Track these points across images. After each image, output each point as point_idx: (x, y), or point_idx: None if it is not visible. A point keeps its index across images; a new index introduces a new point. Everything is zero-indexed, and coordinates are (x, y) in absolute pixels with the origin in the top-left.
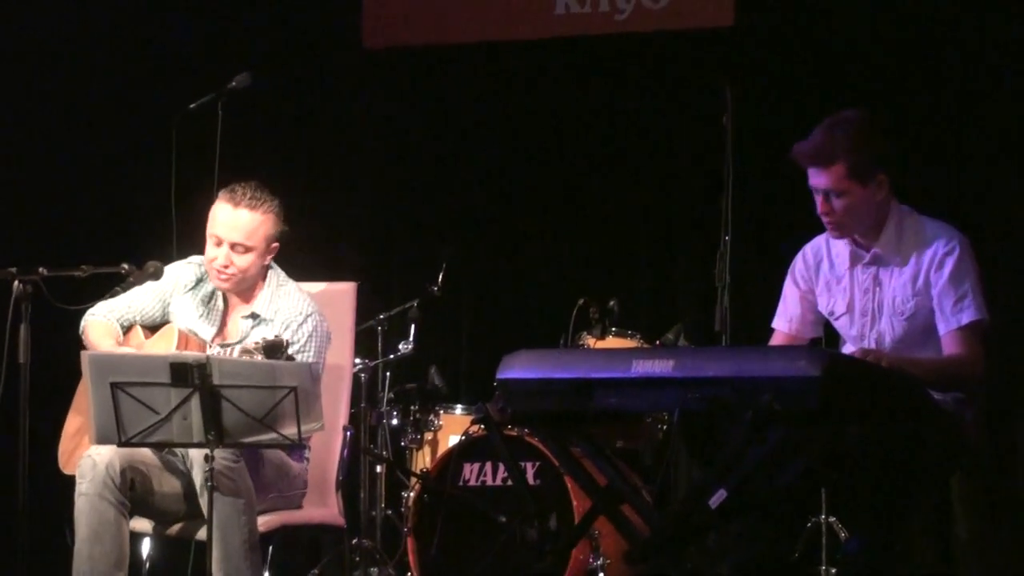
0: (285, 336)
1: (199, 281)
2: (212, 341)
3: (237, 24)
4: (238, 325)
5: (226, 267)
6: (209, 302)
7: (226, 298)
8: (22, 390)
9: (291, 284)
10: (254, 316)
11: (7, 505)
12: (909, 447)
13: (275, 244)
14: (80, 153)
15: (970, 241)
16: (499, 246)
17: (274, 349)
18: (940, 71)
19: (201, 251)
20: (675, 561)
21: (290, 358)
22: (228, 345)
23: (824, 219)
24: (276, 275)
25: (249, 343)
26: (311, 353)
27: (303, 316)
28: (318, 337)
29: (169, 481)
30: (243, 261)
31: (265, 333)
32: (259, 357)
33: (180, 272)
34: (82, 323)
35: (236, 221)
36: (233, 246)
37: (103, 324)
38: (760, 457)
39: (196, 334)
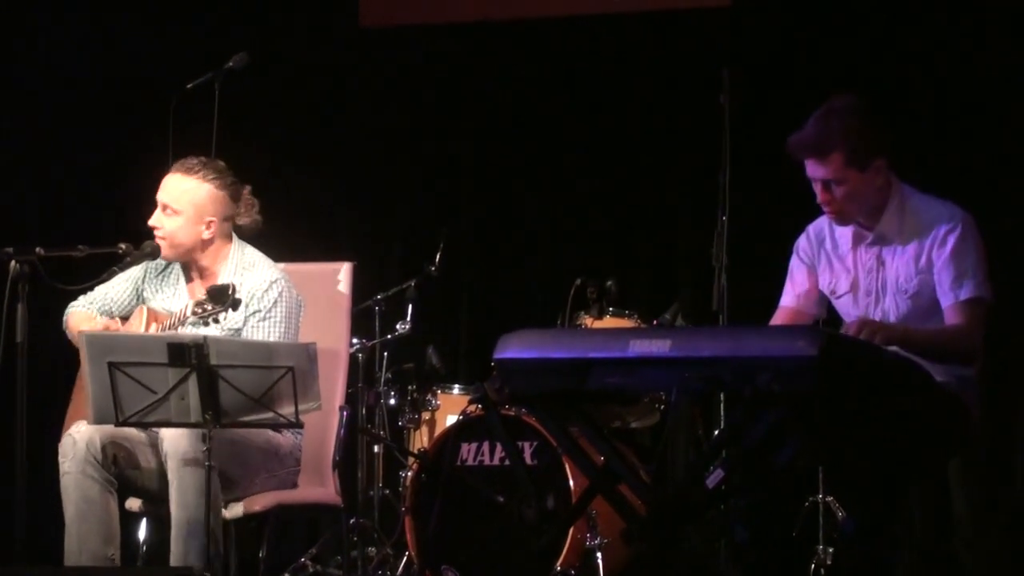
0: (252, 305)
1: (168, 265)
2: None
3: (234, 3)
4: None
5: (155, 229)
6: (176, 283)
7: (191, 276)
8: (19, 370)
9: (256, 255)
10: None
11: (5, 485)
12: (907, 427)
13: (211, 219)
14: (77, 133)
15: (974, 219)
16: (497, 226)
17: (219, 293)
18: (940, 51)
19: None
20: (672, 541)
21: (236, 301)
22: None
23: (825, 208)
24: (241, 248)
25: (200, 296)
26: (278, 318)
27: (268, 283)
28: (284, 303)
29: (157, 457)
30: (169, 224)
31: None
32: (209, 306)
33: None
34: (64, 315)
35: (167, 183)
36: (163, 208)
37: (84, 314)
38: (757, 437)
39: (167, 311)
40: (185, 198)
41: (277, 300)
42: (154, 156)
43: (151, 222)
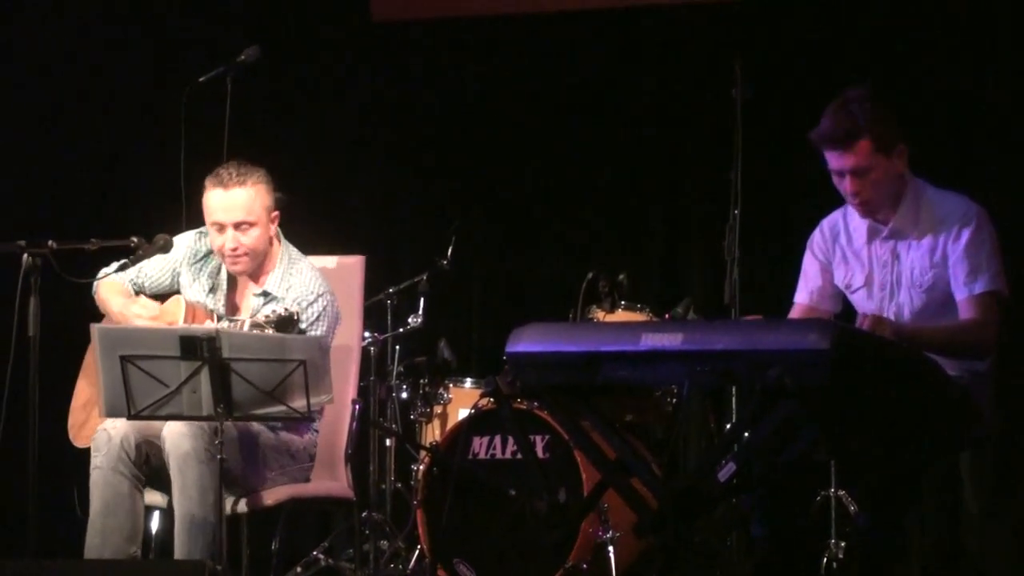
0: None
1: (209, 253)
2: (223, 316)
3: None
4: (249, 303)
5: (236, 250)
6: (217, 275)
7: (233, 275)
8: (32, 363)
9: (304, 262)
10: (266, 294)
11: (18, 477)
12: (918, 420)
13: (275, 213)
14: (90, 126)
15: (988, 213)
16: (509, 219)
17: (286, 323)
18: (953, 42)
19: None
20: (684, 534)
21: (301, 332)
22: (237, 320)
23: (853, 200)
24: (287, 251)
25: (260, 317)
26: (320, 332)
27: (315, 295)
28: (328, 317)
29: None
30: (250, 239)
31: (276, 308)
32: (270, 331)
33: (191, 242)
34: (94, 285)
35: (231, 202)
36: (237, 226)
37: (115, 283)
38: (769, 430)
39: (204, 306)
40: (257, 206)
41: (321, 315)
42: (166, 150)
43: (230, 246)
